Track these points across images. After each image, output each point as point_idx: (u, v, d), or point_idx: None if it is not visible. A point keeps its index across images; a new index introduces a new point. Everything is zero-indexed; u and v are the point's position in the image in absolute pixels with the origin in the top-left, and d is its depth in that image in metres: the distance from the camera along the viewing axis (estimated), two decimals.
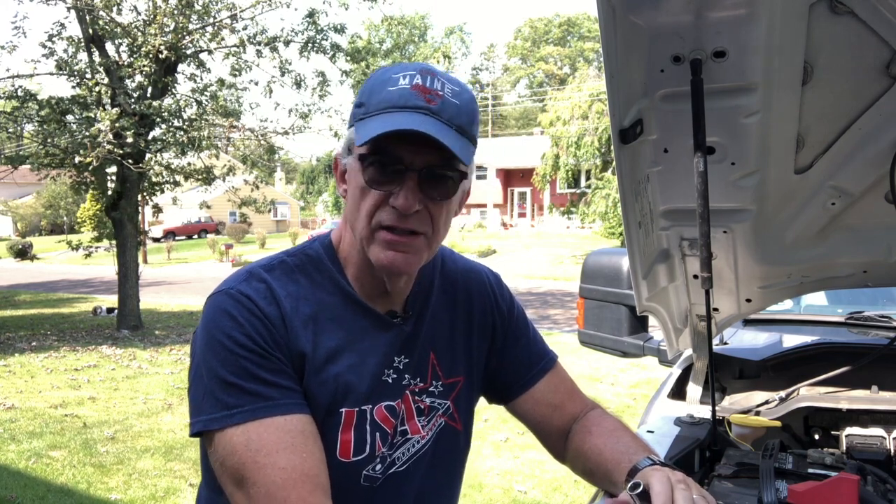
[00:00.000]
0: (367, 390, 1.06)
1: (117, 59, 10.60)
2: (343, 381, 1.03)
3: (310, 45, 11.66)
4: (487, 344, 1.26)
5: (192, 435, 0.99)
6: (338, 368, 1.03)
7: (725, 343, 2.36)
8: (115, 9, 10.38)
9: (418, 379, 1.14)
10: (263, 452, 0.93)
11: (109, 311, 13.08)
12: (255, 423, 0.94)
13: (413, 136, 0.93)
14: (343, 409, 1.04)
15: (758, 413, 1.93)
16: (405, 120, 0.94)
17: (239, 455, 0.93)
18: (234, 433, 0.94)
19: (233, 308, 0.99)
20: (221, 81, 11.79)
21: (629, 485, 0.92)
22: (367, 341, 1.08)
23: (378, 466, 1.07)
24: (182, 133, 11.01)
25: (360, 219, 1.02)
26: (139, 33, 10.42)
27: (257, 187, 12.48)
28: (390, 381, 1.10)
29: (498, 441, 5.29)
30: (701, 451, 1.70)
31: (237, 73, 11.64)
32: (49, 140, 10.09)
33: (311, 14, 11.52)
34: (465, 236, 28.65)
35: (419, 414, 1.13)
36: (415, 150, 0.96)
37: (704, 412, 1.82)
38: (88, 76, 10.37)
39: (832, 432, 1.91)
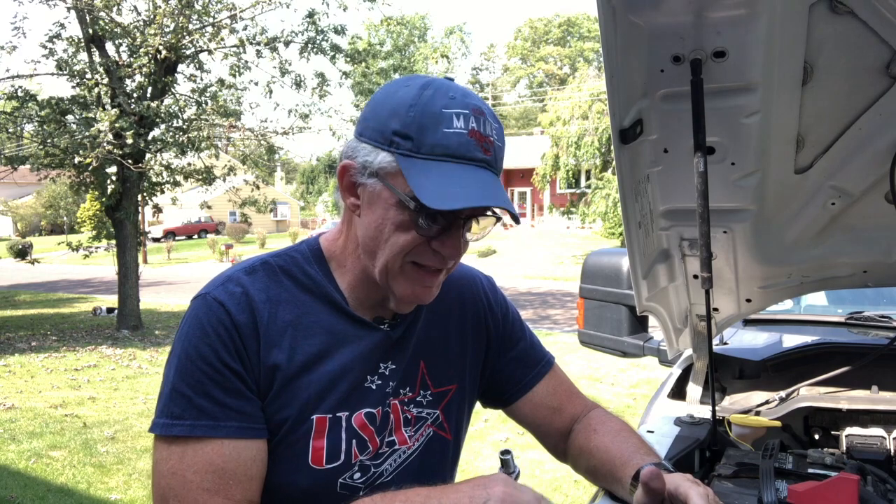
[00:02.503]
0: (344, 397, 1.04)
1: (117, 59, 10.60)
2: (317, 387, 1.02)
3: (310, 45, 11.66)
4: (482, 349, 1.24)
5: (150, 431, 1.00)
6: (315, 375, 1.02)
7: (725, 343, 2.37)
8: (115, 9, 10.39)
9: (407, 388, 1.12)
10: (193, 470, 0.93)
11: (109, 311, 13.08)
12: (193, 440, 0.94)
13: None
14: (314, 416, 1.02)
15: (758, 413, 1.93)
16: (474, 184, 0.92)
17: (171, 464, 0.94)
18: (172, 442, 0.94)
19: (204, 316, 0.99)
20: (221, 82, 11.79)
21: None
22: (350, 346, 1.06)
23: (357, 475, 1.05)
24: (181, 133, 11.00)
25: (388, 251, 0.99)
26: (139, 33, 10.42)
27: (258, 187, 12.49)
28: (374, 387, 1.08)
29: (498, 441, 5.29)
30: (701, 451, 1.70)
31: (237, 73, 11.63)
32: (49, 140, 10.09)
33: (311, 15, 11.51)
34: None
35: (406, 424, 1.12)
36: None
37: (704, 412, 1.82)
38: (88, 76, 10.37)
39: (832, 432, 1.91)
